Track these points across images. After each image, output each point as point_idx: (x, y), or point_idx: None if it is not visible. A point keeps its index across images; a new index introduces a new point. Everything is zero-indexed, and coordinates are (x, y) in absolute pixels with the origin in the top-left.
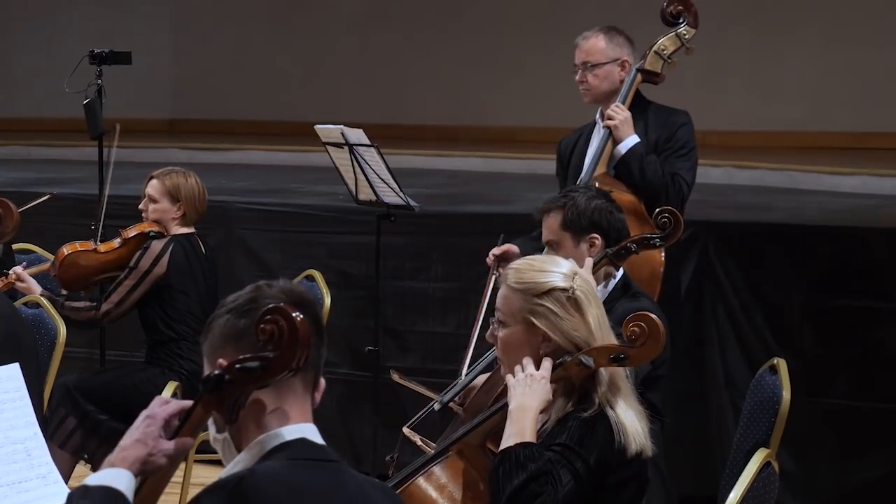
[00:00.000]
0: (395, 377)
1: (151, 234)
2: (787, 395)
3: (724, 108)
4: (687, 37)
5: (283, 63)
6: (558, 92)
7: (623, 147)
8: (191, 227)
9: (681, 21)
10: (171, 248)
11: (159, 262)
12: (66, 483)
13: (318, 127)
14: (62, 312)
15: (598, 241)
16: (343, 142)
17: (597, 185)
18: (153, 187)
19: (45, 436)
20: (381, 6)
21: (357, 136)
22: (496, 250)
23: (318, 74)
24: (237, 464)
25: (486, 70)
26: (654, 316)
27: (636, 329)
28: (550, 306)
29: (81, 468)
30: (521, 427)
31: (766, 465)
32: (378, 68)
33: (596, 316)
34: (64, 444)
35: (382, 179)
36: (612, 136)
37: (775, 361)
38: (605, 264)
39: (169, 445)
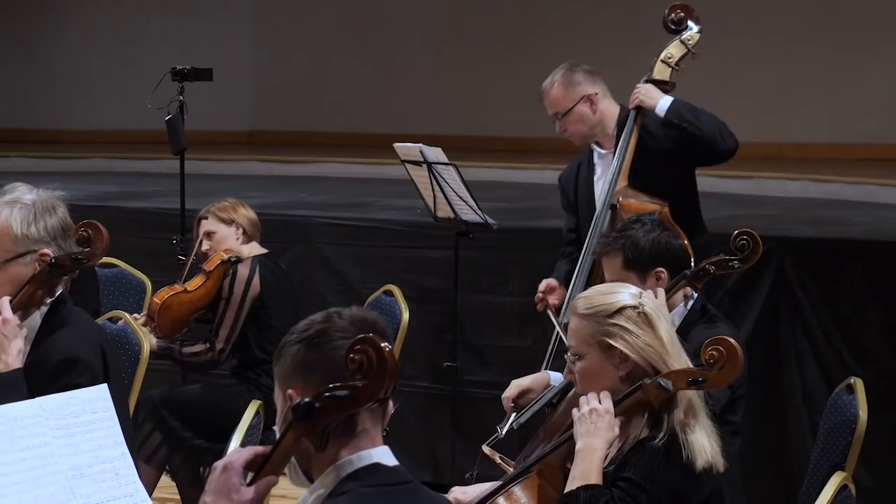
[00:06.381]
0: (486, 450)
1: (232, 259)
2: (863, 415)
3: (799, 120)
4: (691, 42)
5: (361, 75)
6: None
7: (663, 105)
8: (262, 248)
9: (684, 27)
10: (257, 268)
11: (251, 283)
12: (151, 496)
13: (396, 145)
14: (181, 360)
15: (664, 274)
16: (422, 160)
17: (620, 199)
18: (205, 225)
19: (130, 452)
20: (457, 19)
21: (436, 154)
22: (542, 286)
23: (395, 87)
24: (313, 492)
25: None
26: (732, 340)
27: (714, 353)
28: (623, 324)
29: (165, 479)
30: (586, 469)
31: (842, 489)
32: (454, 80)
33: (667, 331)
34: (149, 460)
35: (461, 198)
36: (642, 113)
37: (852, 381)
38: (683, 286)
39: (250, 494)
